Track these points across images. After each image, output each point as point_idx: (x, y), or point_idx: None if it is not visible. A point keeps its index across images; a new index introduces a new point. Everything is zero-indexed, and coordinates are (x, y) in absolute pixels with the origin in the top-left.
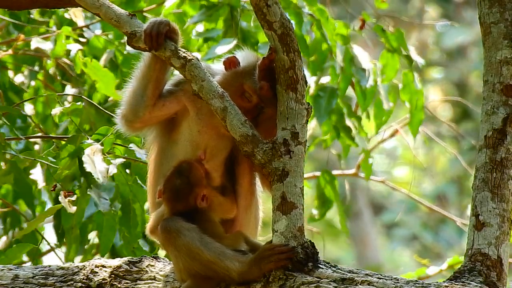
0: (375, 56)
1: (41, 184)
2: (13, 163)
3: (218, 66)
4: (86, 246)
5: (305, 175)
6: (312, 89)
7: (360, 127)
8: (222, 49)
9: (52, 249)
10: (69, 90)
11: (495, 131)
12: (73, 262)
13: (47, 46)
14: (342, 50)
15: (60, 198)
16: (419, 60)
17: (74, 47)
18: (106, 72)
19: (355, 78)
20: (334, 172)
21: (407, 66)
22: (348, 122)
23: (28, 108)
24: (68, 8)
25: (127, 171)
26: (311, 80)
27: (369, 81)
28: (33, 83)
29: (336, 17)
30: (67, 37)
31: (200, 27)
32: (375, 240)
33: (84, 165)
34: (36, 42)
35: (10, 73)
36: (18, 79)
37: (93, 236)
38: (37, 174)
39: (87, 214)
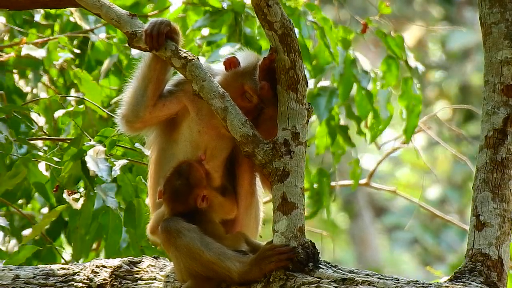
0: (378, 60)
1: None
2: (24, 162)
3: (218, 67)
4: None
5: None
6: (312, 89)
7: (359, 129)
8: (225, 50)
9: (55, 250)
10: (73, 93)
11: (495, 131)
12: (78, 262)
13: (38, 53)
14: (343, 55)
15: (65, 196)
16: (419, 66)
17: (64, 56)
18: (94, 86)
19: (356, 80)
20: (346, 182)
21: (407, 72)
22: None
23: (33, 115)
24: (72, 12)
25: (130, 171)
26: (311, 81)
27: (369, 85)
28: (35, 89)
29: (342, 20)
30: (63, 47)
31: (205, 33)
32: (375, 241)
33: (88, 165)
34: (27, 49)
35: (15, 76)
36: (23, 83)
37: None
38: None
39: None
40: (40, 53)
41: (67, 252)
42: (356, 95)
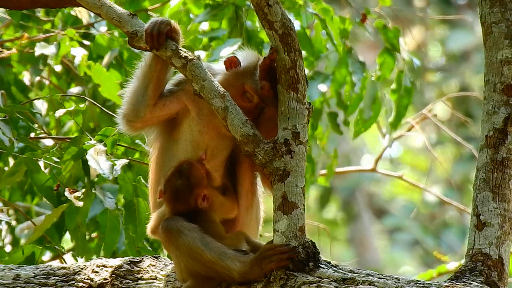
0: (376, 53)
1: None
2: (27, 160)
3: (219, 66)
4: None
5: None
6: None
7: (346, 119)
8: (227, 50)
9: (55, 250)
10: (74, 89)
11: (496, 130)
12: (77, 261)
13: (50, 50)
14: (341, 43)
15: (66, 194)
16: (414, 60)
17: (79, 52)
18: (109, 76)
19: (348, 72)
20: (351, 168)
21: (403, 65)
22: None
23: (38, 106)
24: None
25: (130, 169)
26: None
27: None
28: (38, 79)
29: (345, 14)
30: (71, 39)
31: (205, 26)
32: (375, 243)
33: (89, 163)
34: (40, 48)
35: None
36: (24, 78)
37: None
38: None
39: (92, 214)
40: (51, 50)
41: (66, 251)
42: (346, 86)
